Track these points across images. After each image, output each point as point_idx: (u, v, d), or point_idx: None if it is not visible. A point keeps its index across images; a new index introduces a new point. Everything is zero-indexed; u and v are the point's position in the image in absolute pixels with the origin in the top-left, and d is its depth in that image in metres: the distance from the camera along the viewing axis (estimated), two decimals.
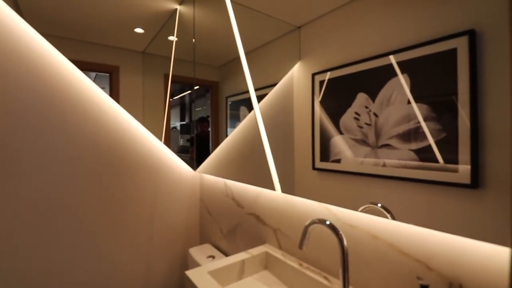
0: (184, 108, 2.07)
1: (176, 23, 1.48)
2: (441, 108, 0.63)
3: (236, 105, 1.38)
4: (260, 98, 1.19)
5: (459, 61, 0.60)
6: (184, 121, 2.09)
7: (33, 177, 1.09)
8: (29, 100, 1.07)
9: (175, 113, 2.02)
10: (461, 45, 0.60)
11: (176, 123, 2.08)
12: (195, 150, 1.68)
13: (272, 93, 1.13)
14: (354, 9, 0.82)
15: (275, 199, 1.07)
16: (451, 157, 0.61)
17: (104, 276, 1.25)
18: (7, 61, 1.03)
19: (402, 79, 0.70)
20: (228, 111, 1.43)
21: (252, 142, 1.22)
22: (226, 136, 1.45)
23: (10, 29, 1.04)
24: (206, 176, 1.54)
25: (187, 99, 1.98)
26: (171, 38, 1.55)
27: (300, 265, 0.93)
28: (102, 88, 1.71)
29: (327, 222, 0.71)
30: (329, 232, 0.86)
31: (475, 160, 0.57)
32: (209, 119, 1.62)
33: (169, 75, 1.55)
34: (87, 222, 1.21)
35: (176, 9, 1.48)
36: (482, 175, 0.56)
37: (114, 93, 1.36)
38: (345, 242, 0.71)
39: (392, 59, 0.72)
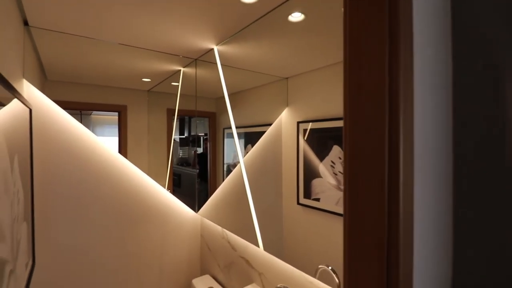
0: (183, 122, 2.21)
1: (181, 79, 1.65)
2: None
3: (232, 137, 1.53)
4: (251, 134, 1.34)
5: None
6: (184, 135, 2.23)
7: (69, 229, 1.37)
8: (61, 171, 1.33)
9: (175, 126, 2.16)
10: None
11: (176, 136, 2.23)
12: (197, 166, 1.86)
13: (265, 135, 1.29)
14: (334, 71, 0.97)
15: (259, 254, 1.29)
16: None
17: None
18: (50, 146, 1.31)
19: None
20: (225, 143, 1.58)
21: (242, 194, 1.39)
22: (223, 171, 1.60)
23: (51, 116, 1.30)
24: (206, 219, 1.76)
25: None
26: (174, 83, 1.70)
27: None
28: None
29: None
30: None
31: None
32: (207, 137, 1.78)
33: (171, 109, 1.69)
34: (110, 263, 1.47)
35: (180, 70, 1.69)
36: None
37: (122, 129, 1.51)
38: None
39: None
